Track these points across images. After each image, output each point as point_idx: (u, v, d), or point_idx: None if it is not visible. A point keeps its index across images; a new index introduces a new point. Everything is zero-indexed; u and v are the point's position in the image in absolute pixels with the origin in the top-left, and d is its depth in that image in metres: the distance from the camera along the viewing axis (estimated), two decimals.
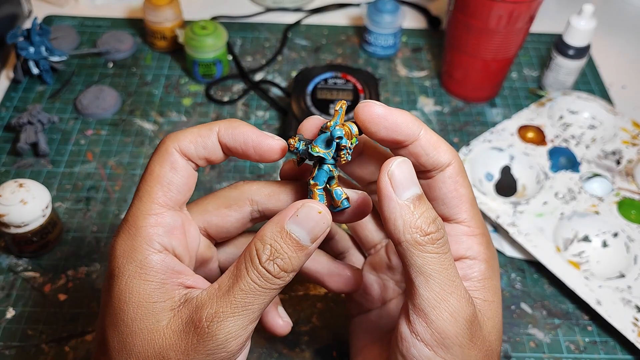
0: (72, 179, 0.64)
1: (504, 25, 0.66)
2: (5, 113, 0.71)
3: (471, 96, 0.75)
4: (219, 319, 0.29)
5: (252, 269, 0.30)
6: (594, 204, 0.61)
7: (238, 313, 0.30)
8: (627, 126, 0.69)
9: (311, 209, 0.30)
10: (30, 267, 0.57)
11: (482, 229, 0.35)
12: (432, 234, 0.30)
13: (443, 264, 0.30)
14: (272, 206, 0.36)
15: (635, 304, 0.54)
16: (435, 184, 0.34)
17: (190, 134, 0.33)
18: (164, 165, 0.32)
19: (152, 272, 0.31)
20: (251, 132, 0.33)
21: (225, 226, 0.37)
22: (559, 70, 0.74)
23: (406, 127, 0.32)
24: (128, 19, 0.85)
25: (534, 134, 0.68)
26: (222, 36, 0.73)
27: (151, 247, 0.32)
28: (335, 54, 0.82)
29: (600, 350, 0.54)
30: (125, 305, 0.31)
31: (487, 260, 0.34)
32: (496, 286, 0.35)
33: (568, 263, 0.56)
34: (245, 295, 0.30)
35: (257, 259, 0.30)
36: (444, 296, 0.30)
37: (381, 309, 0.42)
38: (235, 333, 0.30)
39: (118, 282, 0.31)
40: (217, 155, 0.34)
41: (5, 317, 0.53)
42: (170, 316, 0.31)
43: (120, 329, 0.31)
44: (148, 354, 0.30)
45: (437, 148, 0.33)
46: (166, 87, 0.76)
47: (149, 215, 0.32)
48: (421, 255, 0.30)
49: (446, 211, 0.34)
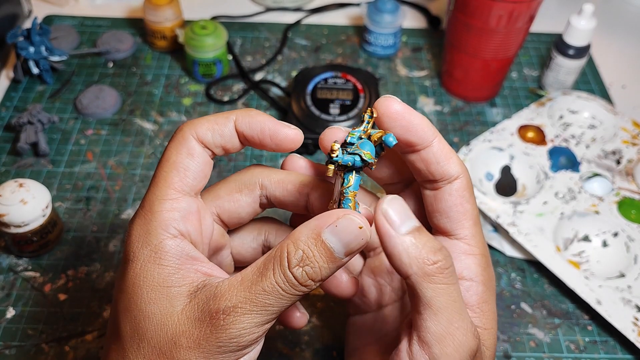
0: (72, 179, 0.64)
1: (504, 25, 0.66)
2: (5, 113, 0.71)
3: (471, 96, 0.75)
4: (236, 313, 0.29)
5: (279, 271, 0.29)
6: (594, 203, 0.61)
7: (256, 311, 0.29)
8: (627, 126, 0.69)
9: (352, 222, 0.29)
10: (30, 267, 0.57)
11: (482, 249, 0.34)
12: (439, 262, 0.29)
13: (451, 296, 0.29)
14: (278, 194, 0.36)
15: (635, 304, 0.54)
16: (442, 196, 0.33)
17: (207, 121, 0.33)
18: (181, 151, 0.32)
19: (168, 257, 0.31)
20: (268, 121, 0.33)
21: (237, 211, 0.36)
22: (559, 70, 0.74)
23: (421, 129, 0.32)
24: (128, 18, 0.85)
25: (534, 133, 0.68)
26: (222, 36, 0.73)
27: (167, 231, 0.31)
28: (335, 54, 0.82)
29: (600, 349, 0.54)
30: (139, 289, 0.30)
31: (485, 282, 0.34)
32: (493, 311, 0.34)
33: (568, 263, 0.56)
34: (266, 296, 0.29)
35: (287, 262, 0.29)
36: (451, 331, 0.29)
37: (377, 313, 0.42)
38: (250, 330, 0.29)
39: (133, 266, 0.31)
40: (234, 144, 0.34)
41: (6, 316, 0.53)
42: (186, 302, 0.30)
43: (134, 314, 0.30)
44: (160, 339, 0.30)
45: (449, 159, 0.32)
46: (166, 86, 0.76)
47: (164, 200, 0.32)
48: (430, 287, 0.29)
49: (448, 225, 0.34)
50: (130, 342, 0.30)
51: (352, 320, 0.44)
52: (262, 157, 0.68)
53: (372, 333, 0.42)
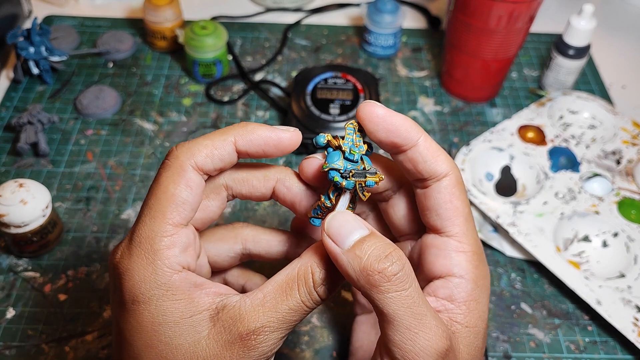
0: (72, 179, 0.64)
1: (504, 25, 0.66)
2: (5, 113, 0.71)
3: (471, 96, 0.75)
4: (266, 333, 0.30)
5: (305, 291, 0.31)
6: (594, 203, 0.61)
7: (284, 328, 0.30)
8: (627, 126, 0.69)
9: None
10: (30, 267, 0.57)
11: (473, 246, 0.34)
12: (384, 270, 0.29)
13: (405, 303, 0.29)
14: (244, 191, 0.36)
15: (635, 304, 0.54)
16: (431, 193, 0.33)
17: (205, 147, 0.32)
18: (179, 184, 0.32)
19: (179, 292, 0.31)
20: (268, 132, 0.33)
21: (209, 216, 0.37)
22: (559, 70, 0.74)
23: (405, 130, 0.32)
24: (128, 19, 0.85)
25: (534, 133, 0.68)
26: (222, 36, 0.73)
27: (172, 269, 0.31)
28: (335, 54, 0.82)
29: (600, 350, 0.54)
30: (160, 326, 0.31)
31: (475, 280, 0.33)
32: (482, 310, 0.33)
33: (568, 263, 0.56)
34: (292, 314, 0.30)
35: (312, 282, 0.31)
36: (410, 337, 0.29)
37: None
38: (277, 344, 0.31)
39: (147, 307, 0.31)
40: (233, 163, 0.34)
41: (6, 317, 0.53)
42: (210, 326, 0.31)
43: (159, 349, 0.31)
44: None
45: (436, 157, 0.33)
46: (166, 87, 0.76)
47: (164, 237, 0.32)
48: (380, 297, 0.29)
49: (439, 223, 0.34)
50: None
51: (358, 319, 0.45)
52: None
53: (375, 331, 0.43)
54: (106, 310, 0.54)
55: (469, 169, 0.64)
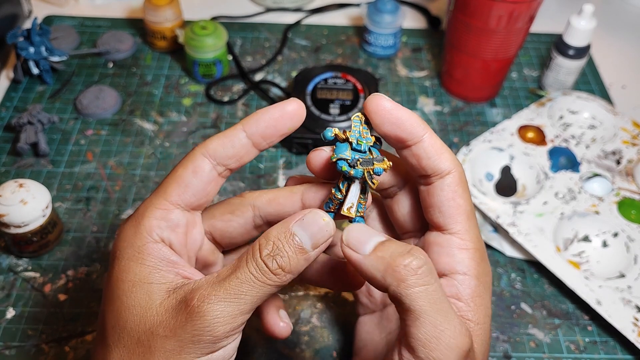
0: (72, 179, 0.64)
1: (504, 25, 0.66)
2: (5, 113, 0.71)
3: (471, 96, 0.75)
4: (210, 300, 0.30)
5: (252, 261, 0.31)
6: (594, 203, 0.61)
7: (229, 299, 0.30)
8: (627, 126, 0.69)
9: (317, 215, 0.32)
10: (30, 267, 0.57)
11: (476, 243, 0.34)
12: (410, 264, 0.29)
13: (431, 298, 0.29)
14: (272, 210, 0.37)
15: (635, 304, 0.54)
16: (434, 191, 0.34)
17: (216, 137, 0.34)
18: (187, 168, 0.34)
19: (149, 257, 0.33)
20: (271, 110, 0.34)
21: (229, 230, 0.38)
22: (559, 70, 0.74)
23: (410, 125, 0.32)
24: (128, 19, 0.85)
25: (534, 134, 0.68)
26: (222, 36, 0.73)
27: (150, 236, 0.33)
28: (335, 54, 0.82)
29: (600, 350, 0.54)
30: (122, 283, 0.33)
31: (479, 276, 0.34)
32: (487, 305, 0.34)
33: (568, 263, 0.56)
34: (240, 284, 0.31)
35: (259, 253, 0.31)
36: (436, 334, 0.29)
37: (382, 312, 0.43)
38: (223, 319, 0.30)
39: (117, 263, 0.33)
40: (248, 151, 0.35)
41: (5, 317, 0.53)
42: (165, 296, 0.32)
43: (116, 305, 0.32)
44: (139, 329, 0.31)
45: (440, 154, 0.33)
46: (166, 87, 0.76)
47: (156, 209, 0.34)
48: (408, 292, 0.29)
49: (441, 220, 0.34)
50: (112, 332, 0.32)
51: (361, 320, 0.45)
52: (262, 156, 0.68)
53: (378, 331, 0.43)
54: None
55: (469, 169, 0.64)
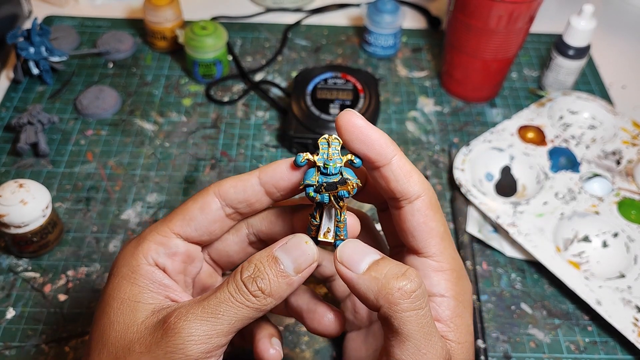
0: (72, 179, 0.64)
1: (504, 26, 0.66)
2: (5, 113, 0.71)
3: (471, 96, 0.75)
4: (187, 318, 0.30)
5: (232, 282, 0.31)
6: (594, 204, 0.61)
7: (205, 318, 0.30)
8: (627, 126, 0.69)
9: (300, 239, 0.32)
10: (30, 267, 0.57)
11: (452, 264, 0.34)
12: (403, 287, 0.29)
13: (420, 323, 0.30)
14: (264, 228, 0.37)
15: (635, 304, 0.54)
16: (405, 216, 0.34)
17: (231, 178, 0.35)
18: (197, 202, 0.35)
19: (141, 278, 0.34)
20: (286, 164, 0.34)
21: (226, 249, 0.39)
22: (559, 70, 0.74)
23: (379, 145, 0.32)
24: (128, 19, 0.85)
25: (534, 134, 0.68)
26: (222, 36, 0.73)
27: (145, 258, 0.34)
28: (335, 54, 0.82)
29: (600, 350, 0.54)
30: (112, 300, 0.33)
31: (457, 296, 0.34)
32: (467, 324, 0.34)
33: (568, 263, 0.56)
34: (218, 304, 0.31)
35: (239, 275, 0.32)
36: (419, 357, 0.30)
37: (368, 328, 0.43)
38: (198, 337, 0.30)
39: (112, 280, 0.34)
40: (260, 199, 0.35)
41: (5, 317, 0.53)
42: (149, 315, 0.32)
43: (103, 322, 0.33)
44: (118, 345, 0.32)
45: (409, 178, 0.33)
46: (166, 87, 0.76)
47: (157, 234, 0.35)
48: (398, 316, 0.29)
49: (415, 244, 0.34)
50: (95, 347, 0.33)
51: (348, 335, 0.45)
52: (261, 157, 0.68)
53: (365, 347, 0.43)
54: None
55: (469, 169, 0.64)
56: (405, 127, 0.72)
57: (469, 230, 0.60)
